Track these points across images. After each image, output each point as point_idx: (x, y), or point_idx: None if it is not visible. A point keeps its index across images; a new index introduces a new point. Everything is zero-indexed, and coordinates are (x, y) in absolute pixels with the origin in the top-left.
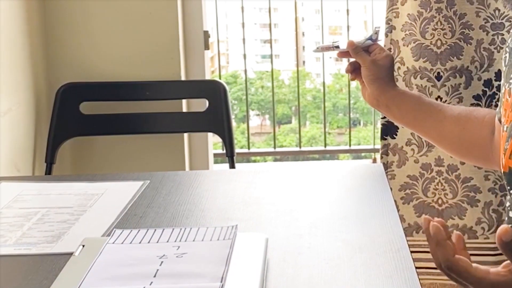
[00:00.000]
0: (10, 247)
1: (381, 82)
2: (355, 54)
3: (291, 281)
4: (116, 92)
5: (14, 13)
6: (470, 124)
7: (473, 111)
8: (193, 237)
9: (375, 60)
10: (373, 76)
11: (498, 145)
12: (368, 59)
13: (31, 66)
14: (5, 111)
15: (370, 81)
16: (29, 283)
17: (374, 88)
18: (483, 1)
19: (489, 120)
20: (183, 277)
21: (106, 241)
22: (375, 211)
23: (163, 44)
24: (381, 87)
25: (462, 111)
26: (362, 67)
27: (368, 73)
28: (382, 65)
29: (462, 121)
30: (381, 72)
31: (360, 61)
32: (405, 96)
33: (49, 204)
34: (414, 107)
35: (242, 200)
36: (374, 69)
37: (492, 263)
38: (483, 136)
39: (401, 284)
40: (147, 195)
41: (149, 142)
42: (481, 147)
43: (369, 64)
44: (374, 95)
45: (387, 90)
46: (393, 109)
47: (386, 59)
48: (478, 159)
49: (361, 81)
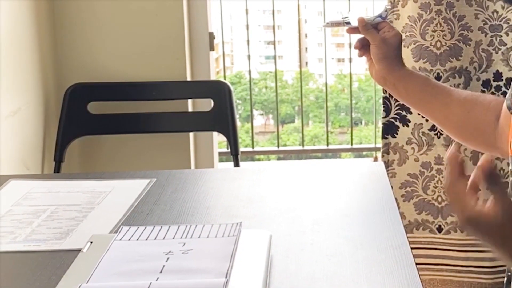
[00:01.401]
0: (20, 244)
1: (389, 61)
2: (365, 31)
3: (294, 277)
4: (123, 92)
5: (23, 15)
6: (476, 109)
7: (479, 96)
8: (198, 233)
9: (384, 38)
10: (382, 54)
11: (502, 132)
12: (378, 37)
13: (40, 67)
14: (15, 110)
15: (379, 59)
16: (38, 279)
17: (382, 66)
18: (481, 3)
19: (494, 106)
20: (188, 273)
21: (114, 238)
22: (376, 209)
23: (169, 45)
24: (389, 66)
25: (468, 95)
26: (371, 44)
27: (376, 51)
28: (391, 43)
29: (468, 105)
30: (389, 51)
31: (370, 38)
32: (412, 76)
33: (57, 202)
34: (421, 88)
35: (246, 197)
36: (383, 47)
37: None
38: (488, 121)
39: (402, 280)
40: (153, 192)
41: (156, 141)
42: (485, 132)
43: (379, 42)
44: (381, 73)
45: (395, 69)
46: (400, 88)
47: (395, 37)
48: (480, 144)
49: (369, 58)
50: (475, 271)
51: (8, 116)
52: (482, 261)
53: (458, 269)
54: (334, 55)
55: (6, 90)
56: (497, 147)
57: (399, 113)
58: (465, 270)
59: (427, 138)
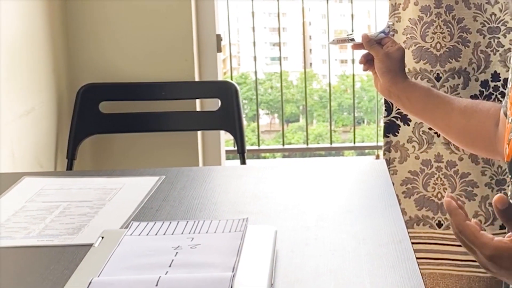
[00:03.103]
0: (34, 239)
1: (392, 74)
2: (369, 47)
3: (299, 271)
4: (134, 92)
5: (37, 18)
6: (476, 116)
7: (479, 104)
8: (206, 229)
9: (388, 53)
10: (386, 68)
11: (501, 137)
12: (381, 52)
13: (54, 68)
14: (29, 110)
15: (383, 73)
16: (52, 273)
17: (386, 79)
18: (480, 7)
19: (493, 112)
20: (196, 267)
21: (124, 233)
22: (378, 205)
23: (178, 47)
24: (393, 79)
25: (468, 103)
26: (375, 59)
27: (380, 65)
28: (394, 57)
29: (468, 113)
30: (393, 64)
31: (374, 53)
32: (415, 88)
33: (70, 198)
34: (423, 99)
35: (252, 194)
36: (387, 61)
37: None
38: (488, 127)
39: (403, 274)
40: (162, 189)
41: (165, 140)
42: (485, 138)
43: (382, 57)
44: (386, 86)
45: (398, 82)
46: (404, 99)
47: (398, 52)
48: (481, 149)
49: (373, 72)
50: (474, 265)
51: (22, 116)
52: None
53: (457, 263)
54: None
55: (21, 90)
56: (497, 152)
57: (400, 113)
58: (464, 264)
59: (427, 137)
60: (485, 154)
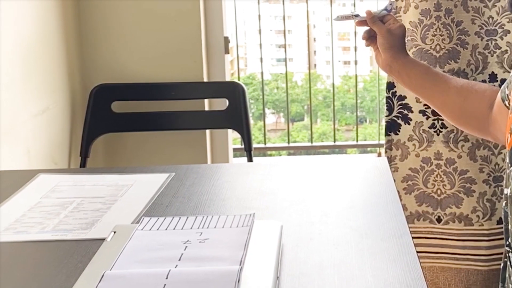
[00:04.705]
0: (48, 233)
1: (394, 50)
2: (372, 23)
3: (304, 264)
4: (145, 92)
5: (50, 20)
6: (472, 97)
7: (475, 85)
8: (214, 224)
9: (390, 29)
10: (388, 44)
11: (494, 119)
12: (384, 28)
13: (67, 69)
14: (44, 109)
15: (385, 49)
16: (65, 266)
17: (388, 55)
18: (478, 10)
19: (489, 95)
20: (205, 261)
21: (135, 228)
22: (380, 201)
23: (187, 48)
24: (394, 55)
25: (465, 83)
26: (378, 35)
27: (383, 41)
28: (396, 34)
29: (465, 93)
30: (394, 41)
31: (376, 29)
32: (415, 64)
33: (83, 194)
34: (422, 76)
35: (259, 190)
36: (389, 37)
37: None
38: (482, 109)
39: (404, 267)
40: (172, 186)
41: (174, 138)
42: (479, 119)
43: (385, 33)
44: (387, 61)
45: (399, 57)
46: (404, 75)
47: (399, 28)
48: (474, 129)
49: (375, 48)
50: (472, 258)
51: (38, 115)
52: (478, 249)
53: (456, 257)
54: (341, 57)
55: (36, 90)
56: (488, 132)
57: (401, 112)
58: (462, 258)
59: (427, 135)
60: (477, 133)
